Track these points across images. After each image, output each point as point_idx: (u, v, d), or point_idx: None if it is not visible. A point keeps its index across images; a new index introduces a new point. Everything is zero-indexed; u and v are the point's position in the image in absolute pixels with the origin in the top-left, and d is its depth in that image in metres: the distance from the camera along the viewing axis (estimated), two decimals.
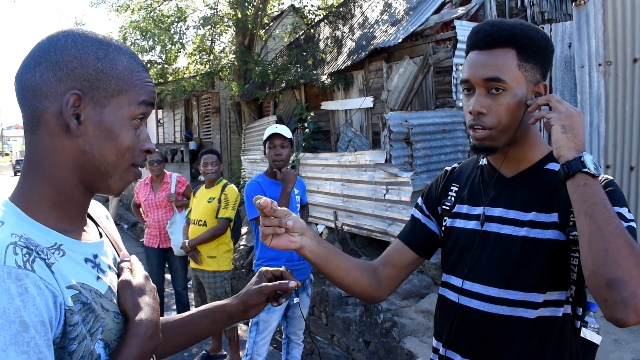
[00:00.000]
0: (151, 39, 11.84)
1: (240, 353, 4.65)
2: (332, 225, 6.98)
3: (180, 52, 12.46)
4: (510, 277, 1.28)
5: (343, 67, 8.47)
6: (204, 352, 4.94)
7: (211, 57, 11.66)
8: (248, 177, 10.65)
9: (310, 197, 6.98)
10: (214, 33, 12.21)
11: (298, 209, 3.67)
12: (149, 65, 12.47)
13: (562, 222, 1.23)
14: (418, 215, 1.55)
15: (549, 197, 1.26)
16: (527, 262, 1.26)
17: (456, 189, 1.47)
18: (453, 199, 1.46)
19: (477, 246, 1.34)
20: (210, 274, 4.52)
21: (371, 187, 6.26)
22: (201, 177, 14.78)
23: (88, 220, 1.04)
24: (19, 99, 0.92)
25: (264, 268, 1.30)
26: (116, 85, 0.92)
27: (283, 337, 3.79)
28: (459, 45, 6.84)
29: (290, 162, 8.02)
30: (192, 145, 15.45)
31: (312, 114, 9.20)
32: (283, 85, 9.81)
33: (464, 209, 1.41)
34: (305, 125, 9.01)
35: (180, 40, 12.21)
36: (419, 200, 1.57)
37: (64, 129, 0.89)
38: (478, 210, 1.38)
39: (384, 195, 6.04)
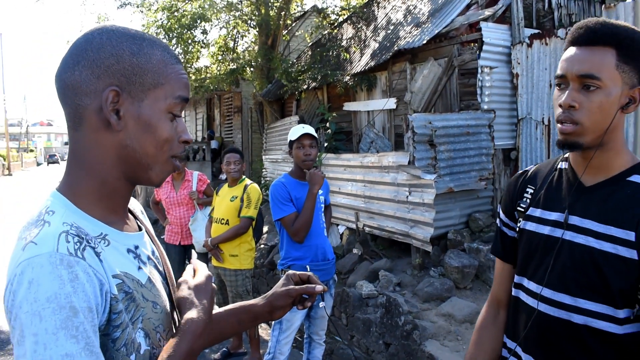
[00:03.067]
0: (174, 39, 11.94)
1: (261, 351, 4.66)
2: (354, 226, 6.97)
3: (201, 51, 12.55)
4: (576, 284, 1.29)
5: (366, 68, 8.44)
6: (224, 349, 4.97)
7: (234, 56, 11.70)
8: (270, 176, 10.69)
9: (332, 197, 6.97)
10: (237, 33, 12.27)
11: (322, 210, 3.66)
12: None
13: (638, 241, 1.21)
14: (500, 225, 1.59)
15: (629, 213, 1.24)
16: (596, 274, 1.25)
17: (532, 190, 1.47)
18: (528, 200, 1.46)
19: (549, 250, 1.35)
20: (231, 272, 4.55)
21: (393, 188, 6.23)
22: (222, 176, 14.88)
23: (128, 213, 1.08)
24: (60, 97, 0.95)
25: (291, 271, 1.32)
26: (152, 79, 0.95)
27: (305, 336, 3.79)
28: (484, 47, 6.78)
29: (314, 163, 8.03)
30: (213, 144, 15.56)
31: (334, 114, 9.18)
32: (305, 86, 9.82)
33: (537, 212, 1.42)
34: (327, 125, 9.00)
35: (204, 40, 12.31)
36: (499, 209, 1.60)
37: (104, 124, 0.93)
38: (553, 215, 1.37)
39: (407, 197, 6.00)
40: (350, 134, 9.22)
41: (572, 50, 1.28)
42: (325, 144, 8.49)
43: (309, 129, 3.50)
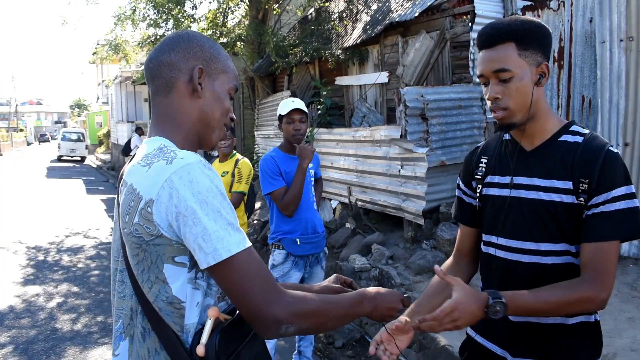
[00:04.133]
0: (164, 14, 11.75)
1: None
2: (346, 200, 6.98)
3: (191, 26, 12.36)
4: (532, 232, 1.55)
5: (358, 41, 8.36)
6: None
7: (224, 30, 11.52)
8: (262, 152, 10.65)
9: (324, 172, 6.97)
10: (227, 7, 12.08)
11: (312, 183, 3.66)
12: (161, 40, 12.37)
13: (575, 189, 1.48)
14: (460, 194, 1.83)
15: (564, 167, 1.50)
16: (547, 220, 1.52)
17: (485, 160, 1.72)
18: (484, 169, 1.71)
19: (508, 209, 1.61)
20: None
21: (386, 162, 6.23)
22: (214, 152, 14.81)
23: None
24: (154, 72, 1.30)
25: (339, 276, 1.58)
26: (221, 66, 1.33)
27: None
28: (477, 20, 6.72)
29: (305, 137, 7.99)
30: None
31: (329, 88, 9.11)
32: (297, 58, 9.72)
33: (496, 178, 1.67)
34: (321, 100, 8.93)
35: (193, 15, 12.11)
36: (458, 180, 1.84)
37: (190, 92, 1.28)
38: (507, 179, 1.63)
39: (399, 170, 6.01)
40: (342, 109, 9.17)
41: (482, 53, 1.54)
42: (318, 119, 8.45)
43: (299, 104, 3.47)
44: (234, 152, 4.80)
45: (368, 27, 8.53)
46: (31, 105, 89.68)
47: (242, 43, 10.90)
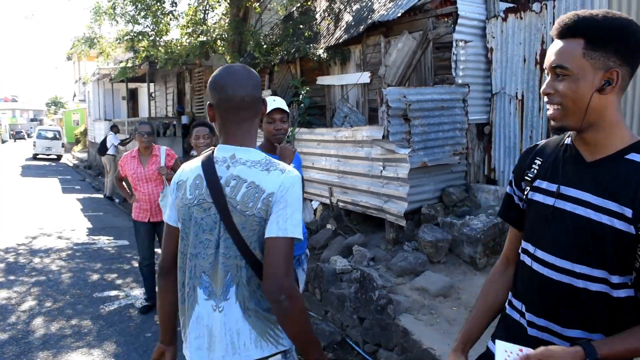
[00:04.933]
0: (142, 11, 11.54)
1: None
2: (327, 201, 6.91)
3: (171, 22, 12.18)
4: (569, 250, 1.44)
5: (340, 41, 8.30)
6: None
7: (204, 28, 11.35)
8: None
9: (306, 173, 6.89)
10: (207, 4, 11.92)
11: None
12: (140, 37, 12.16)
13: (635, 218, 1.33)
14: (510, 192, 1.73)
15: (626, 189, 1.35)
16: (590, 242, 1.40)
17: (540, 162, 1.60)
18: (535, 171, 1.59)
19: (550, 220, 1.50)
20: None
21: (367, 163, 6.17)
22: (194, 152, 14.62)
23: None
24: (250, 104, 1.76)
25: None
26: None
27: None
28: (459, 21, 6.71)
29: (286, 137, 7.90)
30: (184, 119, 15.24)
31: (307, 88, 9.01)
32: (278, 59, 9.61)
33: (544, 184, 1.55)
34: (301, 99, 8.83)
35: (173, 11, 11.92)
36: (511, 176, 1.72)
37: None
38: (554, 187, 1.51)
39: (381, 171, 5.95)
40: (323, 109, 9.10)
41: (553, 43, 1.46)
42: (299, 119, 8.36)
43: (280, 103, 3.39)
44: None
45: (350, 26, 8.47)
46: (6, 102, 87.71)
47: (222, 42, 10.74)
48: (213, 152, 1.77)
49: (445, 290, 4.89)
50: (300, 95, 8.82)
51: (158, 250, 5.57)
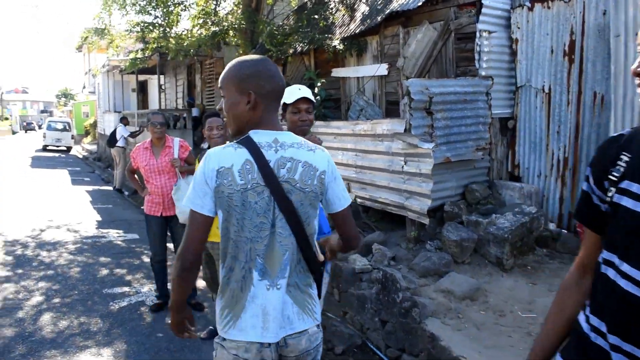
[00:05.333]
0: (153, 1, 11.33)
1: None
2: None
3: (182, 13, 11.97)
4: None
5: (357, 31, 8.04)
6: (211, 327, 4.68)
7: (216, 19, 11.09)
8: None
9: None
10: None
11: None
12: (150, 27, 11.96)
13: None
14: (589, 191, 1.45)
15: None
16: None
17: (627, 158, 1.31)
18: (622, 170, 1.31)
19: None
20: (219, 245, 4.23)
21: (388, 158, 5.93)
22: (204, 145, 14.39)
23: None
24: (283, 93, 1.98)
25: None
26: None
27: None
28: (483, 10, 6.42)
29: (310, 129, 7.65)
30: (194, 111, 15.02)
31: (323, 80, 8.75)
32: (292, 50, 9.36)
33: (634, 187, 1.26)
34: (316, 92, 8.57)
35: (183, 1, 11.69)
36: (587, 171, 1.45)
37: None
38: None
39: (402, 167, 5.71)
40: (338, 101, 8.85)
41: None
42: (314, 111, 8.12)
43: (305, 92, 3.15)
44: (228, 142, 4.47)
45: (367, 17, 8.20)
46: (17, 94, 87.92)
47: (234, 32, 10.48)
48: (249, 137, 1.83)
49: (472, 293, 4.65)
50: (316, 88, 8.56)
51: (170, 246, 5.38)
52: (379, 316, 4.60)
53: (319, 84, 8.52)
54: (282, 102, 3.24)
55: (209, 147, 4.53)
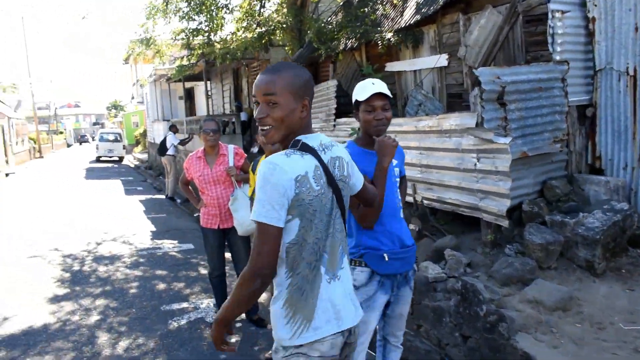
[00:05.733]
0: (197, 6, 11.16)
1: None
2: (410, 199, 6.20)
3: (225, 17, 11.77)
4: None
5: (412, 22, 7.57)
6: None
7: (262, 19, 10.81)
8: None
9: None
10: None
11: (397, 184, 2.93)
12: (195, 33, 11.82)
13: None
14: None
15: None
16: None
17: None
18: None
19: None
20: None
21: (457, 155, 5.44)
22: (254, 149, 14.15)
23: None
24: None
25: None
26: None
27: (378, 338, 3.11)
28: None
29: (352, 130, 7.23)
30: (243, 116, 14.85)
31: (380, 75, 8.31)
32: (342, 46, 8.96)
33: None
34: None
35: (227, 4, 11.48)
36: None
37: None
38: None
39: (475, 164, 5.22)
40: (394, 98, 8.39)
41: None
42: None
43: (380, 86, 2.74)
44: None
45: (422, 5, 7.72)
46: (69, 108, 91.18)
47: (281, 31, 10.14)
48: (304, 143, 1.86)
49: (563, 303, 4.13)
50: None
51: (228, 256, 5.05)
52: (460, 331, 4.15)
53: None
54: (354, 99, 2.86)
55: (259, 152, 4.19)
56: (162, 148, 14.11)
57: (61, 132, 63.82)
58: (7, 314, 5.31)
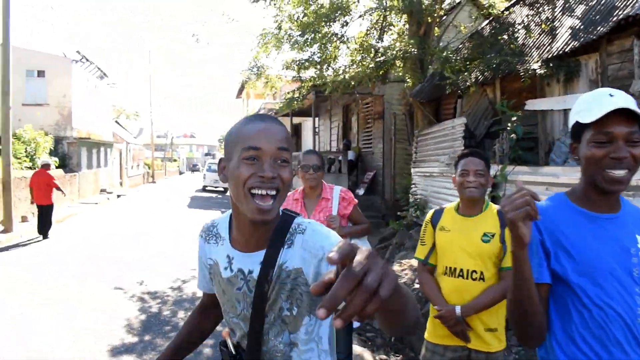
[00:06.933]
0: (309, 34, 10.48)
1: None
2: None
3: (340, 47, 11.02)
4: None
5: (567, 50, 6.18)
6: None
7: (381, 48, 9.85)
8: (420, 193, 8.72)
9: None
10: (384, 21, 10.48)
11: None
12: (306, 64, 11.15)
13: None
14: None
15: None
16: None
17: None
18: None
19: None
20: (485, 356, 2.61)
21: None
22: (359, 190, 13.10)
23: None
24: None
25: None
26: (234, 140, 1.38)
27: None
28: None
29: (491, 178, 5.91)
30: (350, 155, 13.89)
31: (519, 113, 6.92)
32: (473, 79, 7.71)
33: None
34: (509, 128, 6.69)
35: (344, 33, 10.70)
36: None
37: None
38: None
39: None
40: (535, 142, 6.95)
41: None
42: (509, 153, 6.30)
43: (624, 100, 1.48)
44: (486, 198, 2.81)
45: (579, 30, 6.31)
46: (185, 138, 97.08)
47: (402, 61, 9.08)
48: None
49: None
50: (506, 122, 6.72)
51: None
52: None
53: (514, 118, 6.48)
54: (571, 121, 1.64)
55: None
56: None
57: (175, 160, 67.53)
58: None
